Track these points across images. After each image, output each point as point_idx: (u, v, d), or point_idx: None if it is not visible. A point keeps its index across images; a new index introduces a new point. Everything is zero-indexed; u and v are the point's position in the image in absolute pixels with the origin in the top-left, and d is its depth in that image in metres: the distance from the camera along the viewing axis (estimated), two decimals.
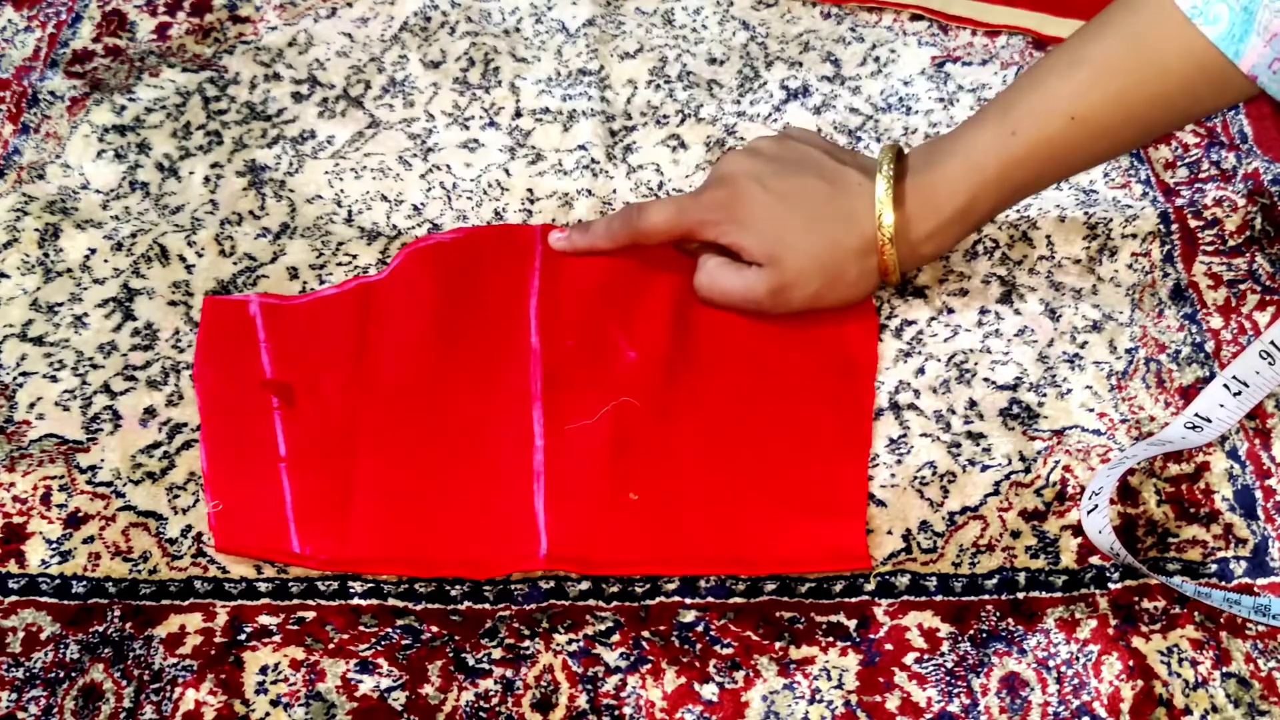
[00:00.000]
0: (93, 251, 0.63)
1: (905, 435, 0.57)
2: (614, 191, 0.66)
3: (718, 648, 0.51)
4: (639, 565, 0.52)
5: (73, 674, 0.50)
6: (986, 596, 0.52)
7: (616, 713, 0.49)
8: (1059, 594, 0.52)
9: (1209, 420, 0.52)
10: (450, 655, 0.50)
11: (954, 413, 0.57)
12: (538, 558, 0.52)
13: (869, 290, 0.58)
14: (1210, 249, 0.63)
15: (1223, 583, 0.52)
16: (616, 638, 0.51)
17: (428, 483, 0.54)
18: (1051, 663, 0.50)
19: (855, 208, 0.55)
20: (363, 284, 0.61)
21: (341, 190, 0.67)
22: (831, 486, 0.54)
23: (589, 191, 0.66)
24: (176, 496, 0.55)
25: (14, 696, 0.49)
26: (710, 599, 0.52)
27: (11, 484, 0.55)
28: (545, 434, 0.55)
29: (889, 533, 0.54)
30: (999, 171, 0.53)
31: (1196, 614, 0.51)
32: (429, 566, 0.52)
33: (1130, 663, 0.50)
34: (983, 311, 0.61)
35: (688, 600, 0.52)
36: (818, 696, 0.49)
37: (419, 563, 0.52)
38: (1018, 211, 0.64)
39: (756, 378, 0.58)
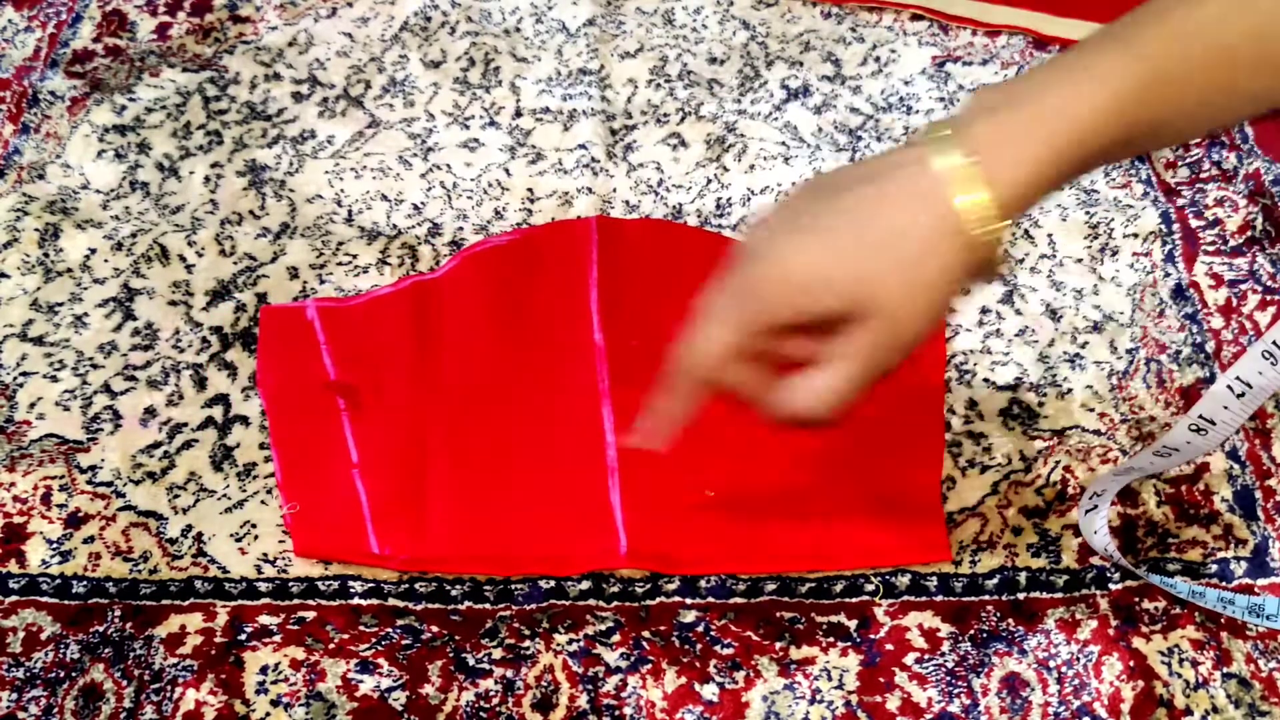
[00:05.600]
0: (93, 251, 0.63)
1: None
2: (614, 190, 0.66)
3: (718, 648, 0.51)
4: (719, 563, 0.52)
5: (73, 674, 0.50)
6: (987, 597, 0.52)
7: (617, 713, 0.49)
8: (1059, 594, 0.52)
9: (1213, 423, 0.52)
10: (451, 655, 0.50)
11: (954, 413, 0.57)
12: (618, 555, 0.52)
13: (962, 279, 0.43)
14: (1211, 249, 0.63)
15: (1223, 583, 0.52)
16: (617, 638, 0.51)
17: (501, 480, 0.55)
18: (1052, 663, 0.50)
19: (918, 185, 0.42)
20: (417, 283, 0.61)
21: (341, 190, 0.67)
22: (909, 479, 0.54)
23: (589, 190, 0.66)
24: (177, 496, 0.55)
25: (14, 696, 0.49)
26: (710, 599, 0.52)
27: (12, 484, 0.55)
28: (616, 430, 0.55)
29: None
30: (1118, 103, 0.41)
31: (1197, 615, 0.51)
32: (509, 564, 0.52)
33: (1131, 663, 0.50)
34: (983, 311, 0.61)
35: (688, 600, 0.52)
36: (818, 697, 0.49)
37: (499, 560, 0.53)
38: None
39: None
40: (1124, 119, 0.42)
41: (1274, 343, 0.49)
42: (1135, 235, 0.63)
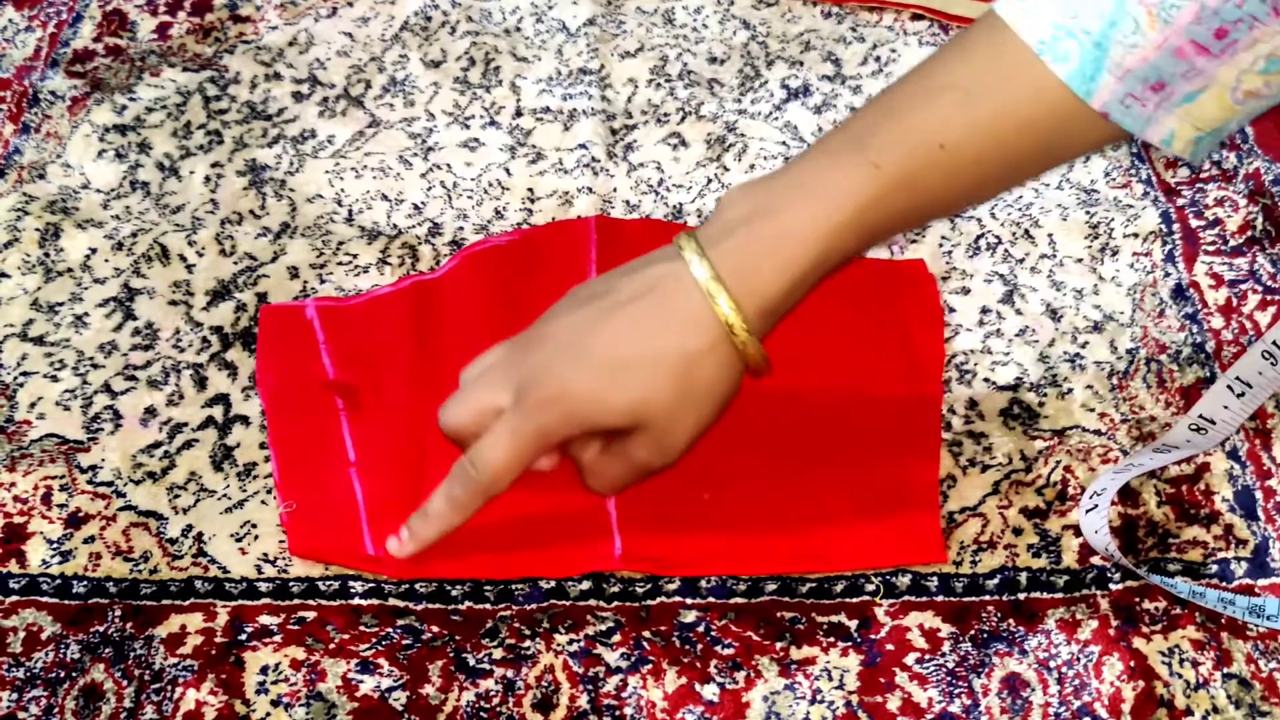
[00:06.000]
0: (93, 251, 0.63)
1: None
2: (614, 190, 0.66)
3: (719, 648, 0.51)
4: (715, 565, 0.52)
5: (73, 674, 0.50)
6: (987, 597, 0.52)
7: (617, 713, 0.49)
8: (1060, 594, 0.52)
9: (1213, 422, 0.52)
10: (451, 655, 0.50)
11: (954, 413, 0.57)
12: (613, 558, 0.52)
13: (736, 384, 0.48)
14: (1211, 249, 0.63)
15: (1223, 583, 0.52)
16: (617, 638, 0.51)
17: None
18: (1053, 663, 0.50)
19: (677, 303, 0.45)
20: (417, 282, 0.61)
21: (342, 189, 0.67)
22: (905, 482, 0.54)
23: (589, 190, 0.66)
24: (177, 496, 0.55)
25: (14, 696, 0.49)
26: (711, 599, 0.52)
27: (12, 484, 0.55)
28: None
29: None
30: (857, 212, 0.45)
31: (1197, 615, 0.51)
32: (504, 568, 0.52)
33: (1131, 663, 0.50)
34: (984, 311, 0.61)
35: (689, 600, 0.52)
36: (819, 697, 0.49)
37: (494, 564, 0.52)
38: (1020, 210, 0.64)
39: (823, 374, 0.58)
40: (865, 225, 0.45)
41: (1274, 343, 0.49)
42: (1135, 235, 0.63)
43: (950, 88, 0.45)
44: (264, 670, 0.50)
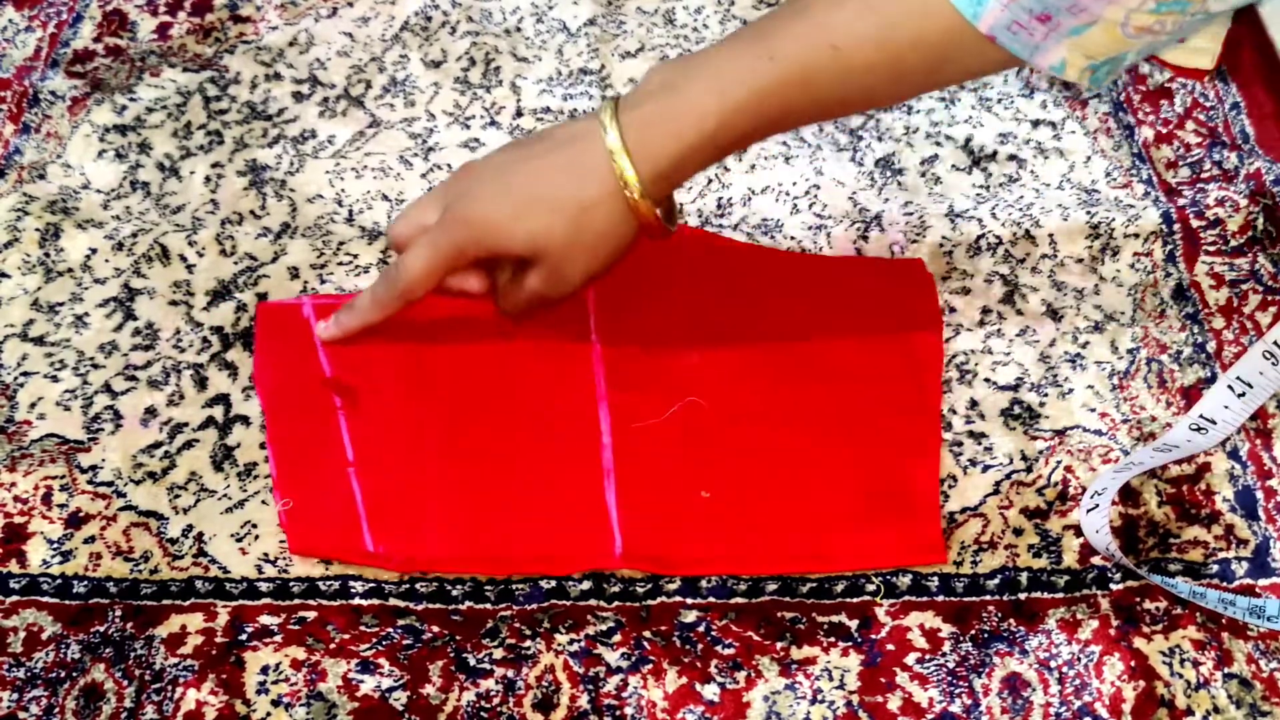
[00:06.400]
0: (93, 251, 0.63)
1: None
2: None
3: (719, 648, 0.51)
4: (714, 564, 0.52)
5: (74, 674, 0.50)
6: (988, 597, 0.52)
7: (618, 713, 0.49)
8: (1060, 594, 0.52)
9: (1214, 422, 0.52)
10: (451, 655, 0.50)
11: (955, 412, 0.57)
12: (614, 556, 0.52)
13: (629, 238, 0.52)
14: (1212, 249, 0.63)
15: (1224, 583, 0.52)
16: (618, 638, 0.51)
17: (497, 481, 0.54)
18: (1053, 663, 0.50)
19: (586, 158, 0.50)
20: None
21: (342, 190, 0.67)
22: (905, 482, 0.54)
23: None
24: (177, 496, 0.55)
25: (15, 696, 0.49)
26: (711, 599, 0.52)
27: (12, 484, 0.55)
28: (613, 432, 0.55)
29: None
30: (751, 98, 0.49)
31: (1198, 615, 0.51)
32: (504, 564, 0.52)
33: (1132, 663, 0.50)
34: (984, 311, 0.61)
35: (689, 600, 0.52)
36: (819, 697, 0.49)
37: (494, 560, 0.52)
38: (1020, 210, 0.64)
39: (821, 375, 0.58)
40: (759, 112, 0.49)
41: (1275, 343, 0.49)
42: (1136, 235, 0.63)
43: None
44: (264, 670, 0.50)
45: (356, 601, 0.52)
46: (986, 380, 0.58)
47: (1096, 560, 0.53)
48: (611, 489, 0.54)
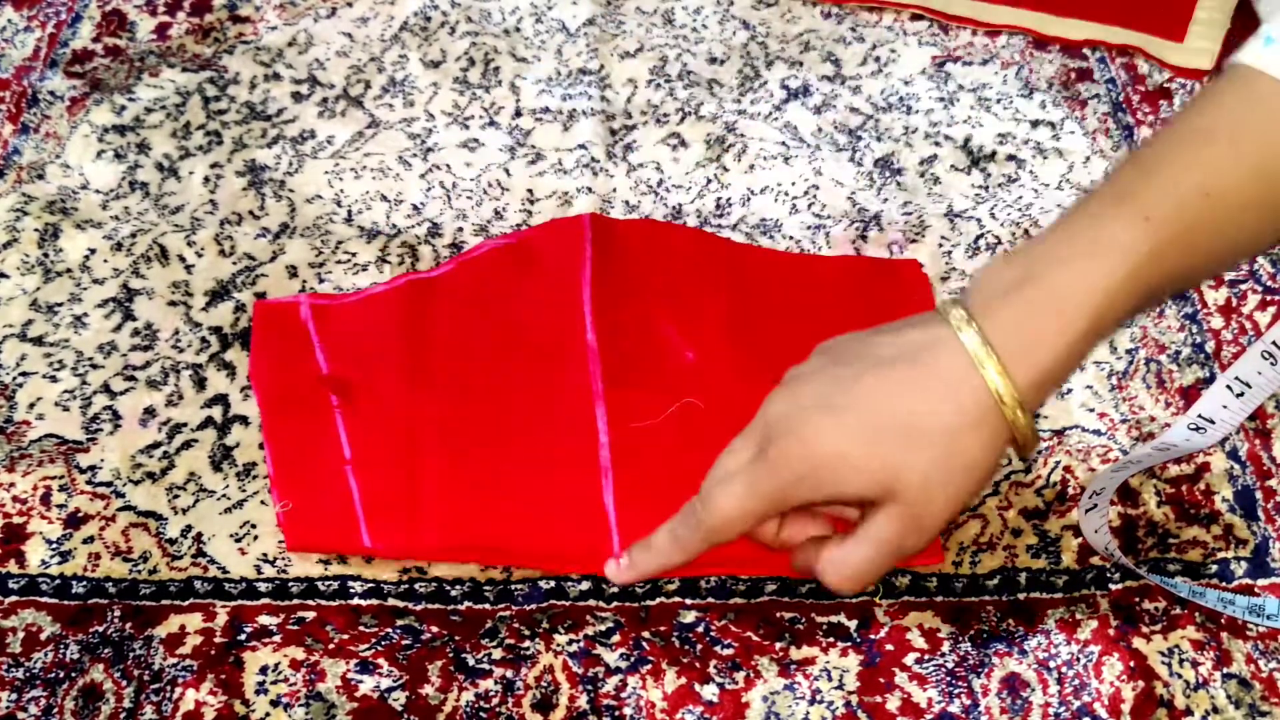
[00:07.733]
0: (92, 251, 0.63)
1: None
2: (614, 190, 0.66)
3: (718, 648, 0.51)
4: (712, 566, 0.52)
5: (73, 674, 0.50)
6: (987, 597, 0.52)
7: (617, 713, 0.49)
8: (1060, 594, 0.52)
9: (1212, 422, 0.52)
10: (450, 655, 0.50)
11: None
12: (612, 556, 0.52)
13: (995, 465, 0.45)
14: None
15: (1223, 583, 0.52)
16: (617, 638, 0.51)
17: (495, 478, 0.54)
18: (1052, 663, 0.50)
19: (944, 371, 0.42)
20: (411, 281, 0.61)
21: (341, 190, 0.67)
22: None
23: (589, 190, 0.66)
24: (176, 496, 0.55)
25: (14, 697, 0.49)
26: (711, 599, 0.52)
27: (11, 484, 0.55)
28: (609, 431, 0.55)
29: None
30: (1134, 270, 0.41)
31: (1197, 615, 0.51)
32: (502, 557, 0.53)
33: (1131, 663, 0.50)
34: None
35: (688, 601, 0.52)
36: (818, 697, 0.49)
37: (492, 553, 0.53)
38: (1020, 210, 0.64)
39: None
40: (1140, 285, 0.42)
41: (1273, 343, 0.49)
42: None
43: (1210, 134, 0.43)
44: (263, 670, 0.50)
45: (355, 602, 0.52)
46: None
47: (1095, 560, 0.53)
48: (609, 488, 0.54)
